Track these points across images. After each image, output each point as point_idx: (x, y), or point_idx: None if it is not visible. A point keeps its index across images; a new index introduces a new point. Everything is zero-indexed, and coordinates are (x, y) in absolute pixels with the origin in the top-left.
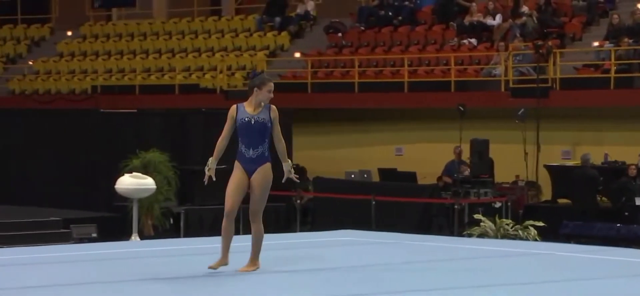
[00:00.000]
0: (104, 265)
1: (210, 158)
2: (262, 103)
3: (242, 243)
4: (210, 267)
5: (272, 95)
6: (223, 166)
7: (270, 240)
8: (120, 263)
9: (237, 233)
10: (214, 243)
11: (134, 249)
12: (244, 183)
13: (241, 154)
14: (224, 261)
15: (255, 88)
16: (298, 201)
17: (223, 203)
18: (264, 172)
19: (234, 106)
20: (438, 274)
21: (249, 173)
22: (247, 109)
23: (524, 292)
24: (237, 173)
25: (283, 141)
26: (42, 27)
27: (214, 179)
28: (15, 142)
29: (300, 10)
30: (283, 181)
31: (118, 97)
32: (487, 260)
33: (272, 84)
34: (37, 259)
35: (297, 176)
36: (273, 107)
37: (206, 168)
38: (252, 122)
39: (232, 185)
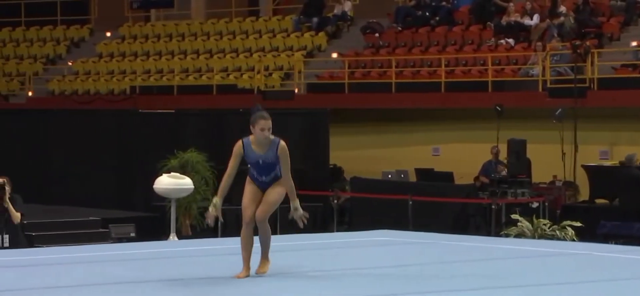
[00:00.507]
0: (142, 264)
1: (215, 198)
2: (268, 140)
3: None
4: (237, 277)
5: (266, 133)
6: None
7: (308, 240)
8: (158, 263)
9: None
10: None
11: (172, 249)
12: (258, 195)
13: (253, 177)
14: (247, 272)
15: (251, 126)
16: (335, 201)
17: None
18: (277, 186)
19: (240, 142)
20: (475, 274)
21: (263, 190)
22: (254, 147)
23: (561, 292)
24: (251, 187)
25: (291, 180)
26: (82, 28)
27: (222, 220)
28: (54, 142)
29: (337, 10)
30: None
31: (156, 97)
32: (524, 261)
33: (263, 121)
34: (76, 259)
35: (306, 216)
36: (281, 144)
37: (211, 208)
38: (260, 162)
39: (248, 197)
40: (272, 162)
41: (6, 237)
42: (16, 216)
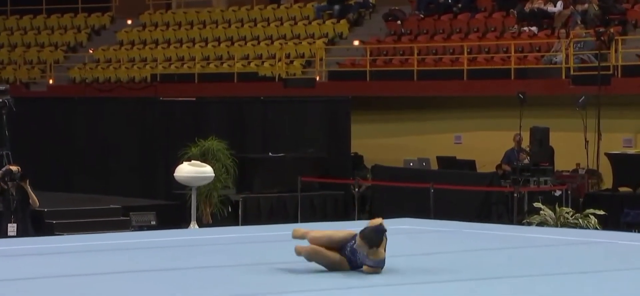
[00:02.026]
0: (163, 252)
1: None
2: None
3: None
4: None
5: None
6: (281, 154)
7: (329, 228)
8: (179, 251)
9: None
10: (271, 230)
11: (193, 237)
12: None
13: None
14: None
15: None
16: (356, 189)
17: (282, 191)
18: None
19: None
20: (497, 263)
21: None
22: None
23: (585, 281)
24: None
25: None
26: (103, 16)
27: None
28: (75, 130)
29: None
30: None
31: (177, 85)
32: (547, 249)
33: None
34: (97, 246)
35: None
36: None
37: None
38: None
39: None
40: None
41: (13, 226)
42: (36, 201)
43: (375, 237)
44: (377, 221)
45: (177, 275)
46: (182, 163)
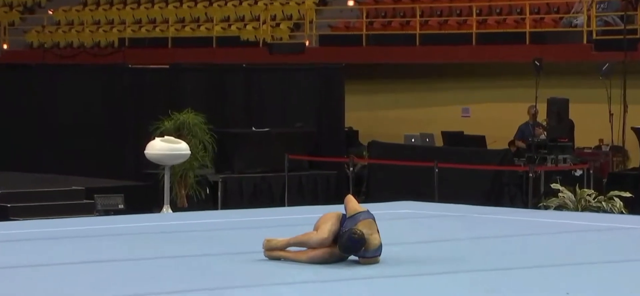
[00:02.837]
0: (132, 240)
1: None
2: None
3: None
4: None
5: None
6: (265, 129)
7: (320, 213)
8: (150, 239)
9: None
10: (255, 215)
11: (166, 222)
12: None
13: None
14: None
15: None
16: (350, 168)
17: (265, 171)
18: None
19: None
20: (511, 252)
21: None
22: None
23: (610, 271)
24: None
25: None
26: None
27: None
28: (32, 101)
29: None
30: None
31: (148, 51)
32: (567, 236)
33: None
34: (57, 233)
35: None
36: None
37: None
38: None
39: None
40: None
41: None
42: None
43: (353, 247)
44: (352, 206)
45: (147, 266)
46: (153, 139)
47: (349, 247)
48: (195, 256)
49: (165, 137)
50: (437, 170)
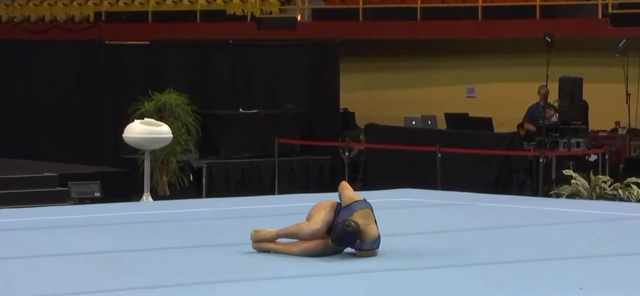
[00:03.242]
0: (109, 231)
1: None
2: None
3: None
4: None
5: None
6: (254, 111)
7: (313, 202)
8: (128, 229)
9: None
10: (242, 204)
11: (146, 212)
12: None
13: None
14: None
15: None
16: (346, 153)
17: (253, 155)
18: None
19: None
20: (518, 243)
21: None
22: None
23: (627, 264)
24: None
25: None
26: None
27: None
28: (1, 81)
29: None
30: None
31: (126, 25)
32: (580, 226)
33: None
34: (28, 224)
35: None
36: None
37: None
38: None
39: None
40: None
41: None
42: None
43: (347, 240)
44: (347, 194)
45: (126, 259)
46: (132, 121)
47: (343, 240)
48: (177, 249)
49: (145, 119)
50: (439, 155)
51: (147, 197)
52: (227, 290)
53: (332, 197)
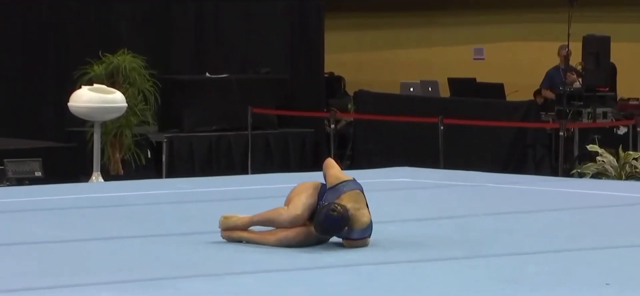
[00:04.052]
0: (53, 216)
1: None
2: None
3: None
4: None
5: None
6: (223, 75)
7: (294, 182)
8: (74, 215)
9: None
10: (209, 185)
11: (96, 194)
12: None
13: None
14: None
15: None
16: (332, 125)
17: (222, 128)
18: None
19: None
20: (534, 232)
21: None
22: None
23: None
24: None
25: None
26: None
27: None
28: None
29: None
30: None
31: None
32: (607, 211)
33: None
34: None
35: None
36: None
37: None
38: None
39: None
40: None
41: None
42: None
43: (332, 228)
44: (334, 173)
45: (73, 250)
46: (80, 88)
47: (327, 228)
48: (132, 238)
49: (95, 86)
50: (442, 128)
51: (96, 177)
52: (191, 287)
53: (315, 177)
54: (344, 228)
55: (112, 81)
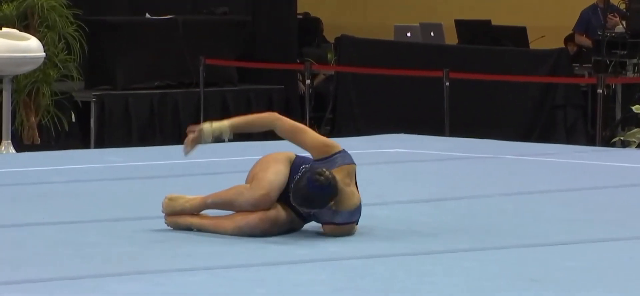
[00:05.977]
0: None
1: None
2: None
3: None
4: None
5: None
6: (167, 17)
7: (258, 154)
8: None
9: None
10: (150, 157)
11: (5, 169)
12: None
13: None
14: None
15: None
16: (307, 81)
17: (170, 84)
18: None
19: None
20: (567, 216)
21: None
22: None
23: None
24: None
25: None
26: None
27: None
28: None
29: None
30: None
31: None
32: None
33: None
34: None
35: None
36: None
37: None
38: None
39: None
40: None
41: None
42: None
43: (318, 198)
44: (317, 139)
45: None
46: None
47: (309, 197)
48: (52, 225)
49: (4, 31)
50: (447, 84)
51: (7, 147)
52: (124, 289)
53: (287, 148)
54: (330, 202)
55: (25, 24)
